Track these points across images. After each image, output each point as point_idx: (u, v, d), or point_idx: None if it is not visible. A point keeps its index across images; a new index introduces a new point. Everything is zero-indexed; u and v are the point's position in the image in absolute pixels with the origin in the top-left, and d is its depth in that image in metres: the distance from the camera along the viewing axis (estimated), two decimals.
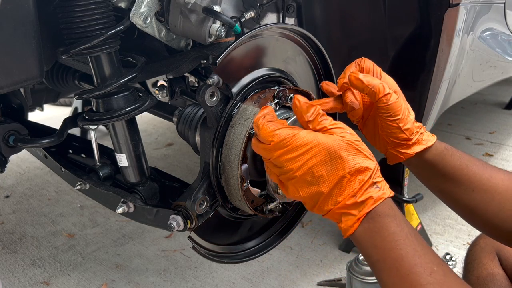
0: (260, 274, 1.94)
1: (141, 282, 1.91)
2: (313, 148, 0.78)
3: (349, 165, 0.77)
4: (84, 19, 0.94)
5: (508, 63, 2.13)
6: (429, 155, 0.97)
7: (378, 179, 0.79)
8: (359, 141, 0.81)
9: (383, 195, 0.78)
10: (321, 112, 0.83)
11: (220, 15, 0.97)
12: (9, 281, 1.93)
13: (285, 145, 0.79)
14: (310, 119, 0.82)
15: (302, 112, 0.83)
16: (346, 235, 0.79)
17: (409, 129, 0.95)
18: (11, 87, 0.84)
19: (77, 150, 1.43)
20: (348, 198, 0.77)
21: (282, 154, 0.80)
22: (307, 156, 0.78)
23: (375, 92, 0.92)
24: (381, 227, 0.76)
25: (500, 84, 3.19)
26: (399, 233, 0.76)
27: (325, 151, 0.78)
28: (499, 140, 3.35)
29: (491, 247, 1.26)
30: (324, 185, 0.78)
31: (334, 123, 0.82)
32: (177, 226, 1.00)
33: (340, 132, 0.80)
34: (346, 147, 0.78)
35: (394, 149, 0.99)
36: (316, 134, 0.80)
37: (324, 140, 0.79)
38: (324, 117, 0.82)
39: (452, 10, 1.39)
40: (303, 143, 0.79)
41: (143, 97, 1.06)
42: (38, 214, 2.49)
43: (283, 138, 0.79)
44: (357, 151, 0.79)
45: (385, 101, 0.92)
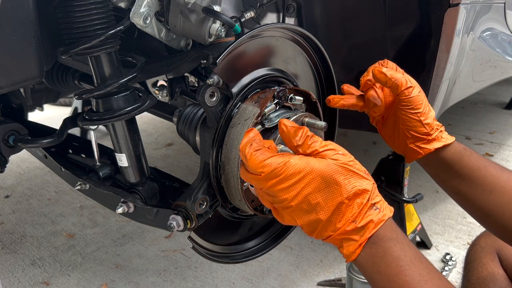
0: (260, 274, 1.94)
1: (141, 282, 1.91)
2: (306, 176, 0.75)
3: (346, 190, 0.74)
4: (84, 19, 0.94)
5: (508, 63, 2.13)
6: (447, 154, 0.97)
7: (376, 199, 0.77)
8: (353, 161, 0.78)
9: (383, 217, 0.75)
10: (309, 134, 0.79)
11: (220, 15, 0.97)
12: (9, 281, 1.93)
13: (277, 175, 0.75)
14: (299, 143, 0.78)
15: (290, 137, 0.79)
16: (348, 260, 0.77)
17: (429, 124, 0.96)
18: (11, 87, 0.84)
19: (77, 150, 1.43)
20: (348, 223, 0.75)
21: (275, 184, 0.76)
22: (301, 185, 0.75)
23: (397, 85, 0.94)
24: (384, 252, 0.74)
25: (500, 84, 3.19)
26: (403, 258, 0.73)
27: (319, 178, 0.75)
28: (499, 140, 3.35)
29: (492, 247, 1.25)
30: (322, 212, 0.75)
31: (324, 144, 0.78)
32: (177, 226, 1.00)
33: (332, 154, 0.77)
34: (341, 171, 0.75)
35: (414, 143, 0.98)
36: (308, 160, 0.76)
37: (317, 166, 0.75)
38: (314, 139, 0.78)
39: (452, 10, 1.39)
40: (296, 171, 0.75)
41: (143, 97, 1.06)
42: (38, 214, 2.49)
43: (274, 168, 0.75)
44: (352, 173, 0.75)
45: (407, 94, 0.94)
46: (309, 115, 1.03)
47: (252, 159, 0.77)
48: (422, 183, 2.57)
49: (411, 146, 0.99)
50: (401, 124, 0.99)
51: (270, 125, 0.99)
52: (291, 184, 0.75)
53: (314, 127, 1.02)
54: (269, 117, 1.00)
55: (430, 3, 1.42)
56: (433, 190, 2.51)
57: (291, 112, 1.02)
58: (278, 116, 1.00)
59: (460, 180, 0.98)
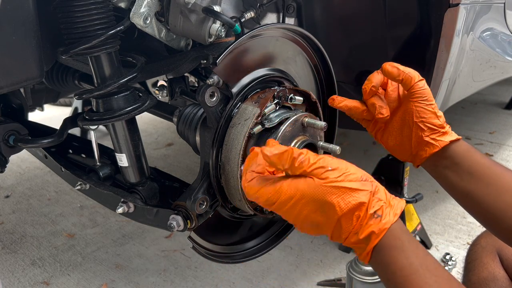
0: (260, 274, 1.94)
1: (141, 282, 1.91)
2: (299, 201, 0.76)
3: (340, 208, 0.74)
4: (84, 19, 0.94)
5: (508, 63, 2.13)
6: (458, 149, 0.97)
7: (377, 206, 0.75)
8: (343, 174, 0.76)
9: (385, 225, 0.74)
10: (295, 154, 0.76)
11: (220, 15, 0.97)
12: (9, 281, 1.93)
13: (272, 203, 0.77)
14: (285, 168, 0.77)
15: (276, 165, 0.78)
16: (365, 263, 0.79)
17: (441, 116, 0.98)
18: (11, 87, 0.84)
19: (77, 150, 1.43)
20: (351, 236, 0.75)
21: (275, 209, 0.79)
22: (297, 208, 0.76)
23: (411, 77, 0.96)
24: (389, 262, 0.74)
25: (500, 84, 3.19)
26: (408, 268, 0.73)
27: (312, 201, 0.75)
28: (499, 140, 3.35)
29: (492, 246, 1.25)
30: (325, 228, 0.77)
31: (312, 163, 0.76)
32: (177, 226, 1.00)
33: (321, 173, 0.75)
34: (331, 191, 0.74)
35: (429, 136, 0.98)
36: (297, 184, 0.76)
37: (306, 190, 0.75)
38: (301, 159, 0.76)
39: (452, 10, 1.39)
40: (288, 197, 0.76)
41: (143, 97, 1.06)
42: (38, 214, 2.49)
43: (267, 198, 0.77)
44: (344, 189, 0.74)
45: (420, 86, 0.96)
46: (309, 115, 1.03)
47: (247, 190, 0.80)
48: (422, 183, 2.57)
49: (427, 139, 0.98)
50: (415, 117, 0.99)
51: (270, 125, 0.99)
52: (288, 208, 0.77)
53: (314, 127, 1.02)
54: (269, 117, 1.00)
55: (430, 3, 1.42)
56: (433, 190, 2.51)
57: (291, 112, 1.02)
58: (278, 116, 1.00)
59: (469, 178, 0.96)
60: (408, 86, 0.98)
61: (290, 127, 0.99)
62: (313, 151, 1.04)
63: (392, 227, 0.75)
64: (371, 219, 0.74)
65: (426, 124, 0.98)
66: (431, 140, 0.98)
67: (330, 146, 1.03)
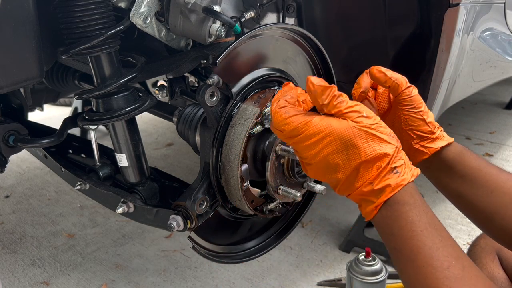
0: (260, 274, 1.94)
1: (141, 282, 1.91)
2: (326, 137, 0.76)
3: (365, 153, 0.75)
4: (84, 19, 0.94)
5: (508, 63, 2.13)
6: (449, 154, 0.97)
7: (398, 162, 0.76)
8: (377, 124, 0.77)
9: (402, 181, 0.75)
10: (336, 93, 0.78)
11: (220, 15, 0.97)
12: (9, 281, 1.93)
13: (298, 133, 0.77)
14: (325, 103, 0.78)
15: (316, 96, 0.79)
16: (367, 219, 0.79)
17: (432, 122, 0.97)
18: (11, 87, 0.84)
19: (77, 150, 1.43)
20: (365, 185, 0.76)
21: (296, 142, 0.78)
22: (320, 145, 0.76)
23: (398, 85, 0.94)
24: (399, 215, 0.75)
25: (500, 84, 3.19)
26: (417, 223, 0.73)
27: (338, 140, 0.75)
28: (499, 140, 3.35)
29: (491, 247, 1.25)
30: (341, 172, 0.77)
31: (349, 106, 0.78)
32: (177, 226, 1.00)
33: (355, 116, 0.77)
34: (361, 135, 0.75)
35: (419, 144, 0.98)
36: (329, 121, 0.77)
37: (337, 128, 0.76)
38: (340, 99, 0.78)
39: (452, 10, 1.39)
40: (316, 132, 0.76)
41: (143, 97, 1.06)
42: (38, 214, 2.49)
43: (295, 127, 0.77)
44: (373, 137, 0.76)
45: (408, 93, 0.94)
46: None
47: (276, 116, 0.80)
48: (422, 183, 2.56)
49: (416, 146, 0.99)
50: (403, 125, 0.99)
51: None
52: (310, 144, 0.77)
53: None
54: (269, 117, 1.00)
55: (430, 3, 1.42)
56: (433, 190, 2.50)
57: None
58: None
59: (461, 181, 0.97)
60: (395, 93, 0.97)
61: None
62: None
63: (408, 185, 0.76)
64: (390, 173, 0.75)
65: (415, 132, 0.98)
66: (420, 148, 0.98)
67: None
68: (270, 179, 0.99)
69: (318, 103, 0.79)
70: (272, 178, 0.99)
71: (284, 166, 1.01)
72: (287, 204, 1.12)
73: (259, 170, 1.02)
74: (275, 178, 1.00)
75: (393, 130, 1.00)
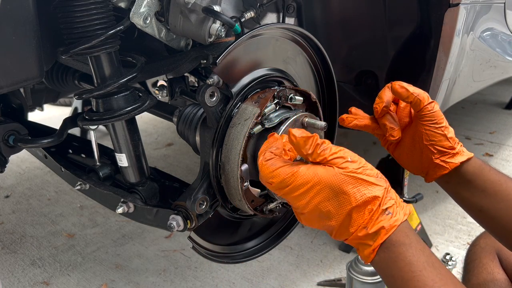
0: (260, 274, 1.94)
1: (141, 282, 1.91)
2: (314, 186, 0.76)
3: (355, 198, 0.75)
4: (84, 19, 0.94)
5: (508, 63, 2.13)
6: (469, 169, 0.97)
7: (389, 203, 0.77)
8: (362, 167, 0.78)
9: (395, 222, 0.76)
10: (319, 141, 0.79)
11: (220, 15, 0.97)
12: (9, 281, 1.93)
13: (286, 185, 0.78)
14: (309, 152, 0.79)
15: (300, 147, 0.79)
16: (366, 262, 0.79)
17: (452, 138, 0.97)
18: (11, 87, 0.84)
19: (77, 150, 1.43)
20: (360, 229, 0.76)
21: (286, 193, 0.79)
22: (310, 194, 0.77)
23: (420, 100, 0.94)
24: (397, 257, 0.75)
25: (500, 84, 3.19)
26: (416, 264, 0.74)
27: (327, 188, 0.76)
28: (499, 140, 3.35)
29: (491, 247, 1.25)
30: (334, 219, 0.77)
31: (333, 152, 0.78)
32: (177, 226, 0.99)
33: (340, 163, 0.77)
34: (348, 180, 0.76)
35: (439, 159, 0.98)
36: (316, 170, 0.77)
37: (324, 176, 0.76)
38: (324, 146, 0.79)
39: (452, 10, 1.39)
40: (304, 182, 0.77)
41: (143, 97, 1.06)
42: (38, 214, 2.49)
43: (282, 178, 0.78)
44: (361, 181, 0.76)
45: (430, 109, 0.95)
46: (309, 115, 1.03)
47: (263, 168, 0.80)
48: (422, 183, 2.56)
49: (437, 161, 0.99)
50: (424, 140, 0.99)
51: (270, 125, 0.99)
52: (300, 194, 0.77)
53: (314, 127, 1.02)
54: (269, 117, 1.00)
55: (430, 3, 1.42)
56: (433, 190, 2.51)
57: (291, 112, 1.02)
58: (278, 116, 1.00)
59: (483, 195, 0.96)
60: (417, 108, 0.97)
61: (290, 127, 0.99)
62: None
63: (401, 225, 0.76)
64: (383, 215, 0.76)
65: (436, 147, 0.98)
66: (441, 162, 0.98)
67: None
68: None
69: (303, 153, 0.80)
70: None
71: None
72: (287, 204, 1.12)
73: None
74: None
75: (414, 145, 1.02)
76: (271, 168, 0.79)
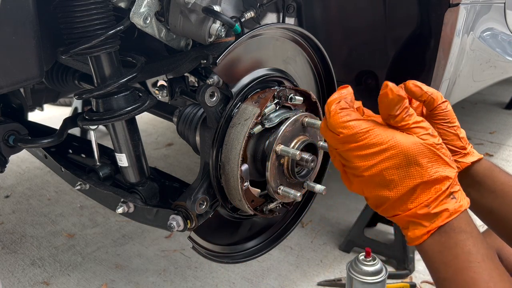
0: (260, 274, 1.94)
1: (141, 282, 1.91)
2: (388, 149, 0.72)
3: (428, 173, 0.71)
4: (84, 19, 0.94)
5: (508, 63, 2.13)
6: (479, 169, 0.96)
7: (455, 188, 0.73)
8: (440, 145, 0.74)
9: (460, 207, 0.72)
10: (407, 106, 0.75)
11: (220, 15, 0.97)
12: (9, 281, 1.93)
13: (357, 140, 0.72)
14: (396, 113, 0.74)
15: (390, 105, 0.74)
16: (412, 244, 0.75)
17: (464, 138, 0.96)
18: (11, 87, 0.84)
19: (77, 150, 1.43)
20: (421, 207, 0.72)
21: (352, 149, 0.73)
22: (380, 157, 0.72)
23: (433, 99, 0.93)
24: (455, 244, 0.71)
25: (500, 84, 3.19)
26: (475, 254, 0.70)
27: (402, 155, 0.71)
28: (499, 140, 3.35)
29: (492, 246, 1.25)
30: (395, 190, 0.73)
31: (416, 121, 0.74)
32: (177, 226, 1.00)
33: (422, 133, 0.73)
34: (426, 153, 0.72)
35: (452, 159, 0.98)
36: (394, 133, 0.73)
37: (402, 142, 0.72)
38: (409, 112, 0.75)
39: (452, 10, 1.39)
40: (378, 142, 0.72)
41: (143, 97, 1.06)
42: (38, 214, 2.49)
43: (355, 132, 0.72)
44: (437, 157, 0.73)
45: (443, 108, 0.93)
46: (309, 115, 1.03)
47: (335, 116, 0.74)
48: None
49: None
50: None
51: (270, 125, 0.99)
52: (369, 154, 0.72)
53: (314, 127, 1.02)
54: (269, 117, 1.00)
55: (430, 3, 1.42)
56: None
57: (291, 112, 1.02)
58: (278, 116, 1.00)
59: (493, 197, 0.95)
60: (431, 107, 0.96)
61: (290, 127, 0.99)
62: (313, 151, 1.05)
63: (464, 212, 0.73)
64: (448, 197, 0.72)
65: (448, 146, 0.96)
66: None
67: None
68: (270, 179, 0.99)
69: (388, 112, 0.75)
70: (272, 178, 0.99)
71: (284, 166, 1.01)
72: (287, 204, 1.12)
73: (259, 170, 1.02)
74: (275, 178, 1.00)
75: None
76: (345, 118, 0.73)
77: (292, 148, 0.99)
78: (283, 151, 0.97)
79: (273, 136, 0.98)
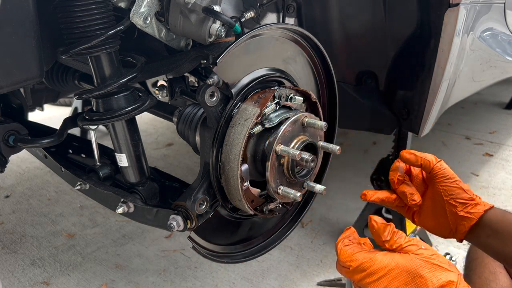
0: (260, 274, 1.94)
1: (141, 282, 1.91)
2: (392, 271, 0.80)
3: (432, 282, 0.78)
4: (84, 19, 0.94)
5: (508, 63, 2.13)
6: (492, 217, 0.99)
7: None
8: (435, 255, 0.82)
9: None
10: (395, 230, 0.85)
11: (220, 15, 0.97)
12: (9, 281, 1.93)
13: (363, 269, 0.81)
14: (387, 239, 0.84)
15: (380, 233, 0.85)
16: None
17: (469, 190, 1.01)
18: (11, 87, 0.84)
19: (77, 150, 1.43)
20: None
21: (363, 278, 0.82)
22: (388, 279, 0.80)
23: (429, 161, 1.01)
24: None
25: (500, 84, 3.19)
26: None
27: (405, 273, 0.80)
28: (499, 140, 3.35)
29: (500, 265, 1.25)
30: None
31: (408, 240, 0.84)
32: (177, 226, 0.99)
33: (415, 249, 0.82)
34: (424, 265, 0.80)
35: (463, 211, 1.01)
36: (393, 256, 0.82)
37: (401, 262, 0.80)
38: (399, 235, 0.85)
39: (452, 10, 1.39)
40: (381, 267, 0.80)
41: (143, 97, 1.06)
42: (38, 214, 2.49)
43: (361, 262, 0.82)
44: (436, 267, 0.80)
45: (440, 167, 1.01)
46: (309, 115, 1.03)
47: (342, 253, 0.85)
48: None
49: (461, 214, 1.01)
50: (444, 196, 1.02)
51: (270, 125, 0.99)
52: (377, 278, 0.81)
53: (314, 127, 1.02)
54: (269, 117, 1.00)
55: (430, 3, 1.42)
56: None
57: (291, 112, 1.02)
58: (278, 116, 1.00)
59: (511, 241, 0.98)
60: (428, 169, 1.02)
61: (290, 127, 0.99)
62: (313, 151, 1.05)
63: None
64: None
65: (457, 200, 1.01)
66: (466, 214, 1.01)
67: (330, 146, 1.04)
68: (270, 179, 0.99)
69: (381, 239, 0.85)
70: (272, 178, 0.99)
71: (284, 166, 1.01)
72: (287, 204, 1.12)
73: (259, 170, 1.02)
74: (275, 178, 1.00)
75: (435, 205, 1.05)
76: (349, 252, 0.84)
77: (292, 148, 0.99)
78: (283, 151, 0.97)
79: (273, 136, 0.98)
